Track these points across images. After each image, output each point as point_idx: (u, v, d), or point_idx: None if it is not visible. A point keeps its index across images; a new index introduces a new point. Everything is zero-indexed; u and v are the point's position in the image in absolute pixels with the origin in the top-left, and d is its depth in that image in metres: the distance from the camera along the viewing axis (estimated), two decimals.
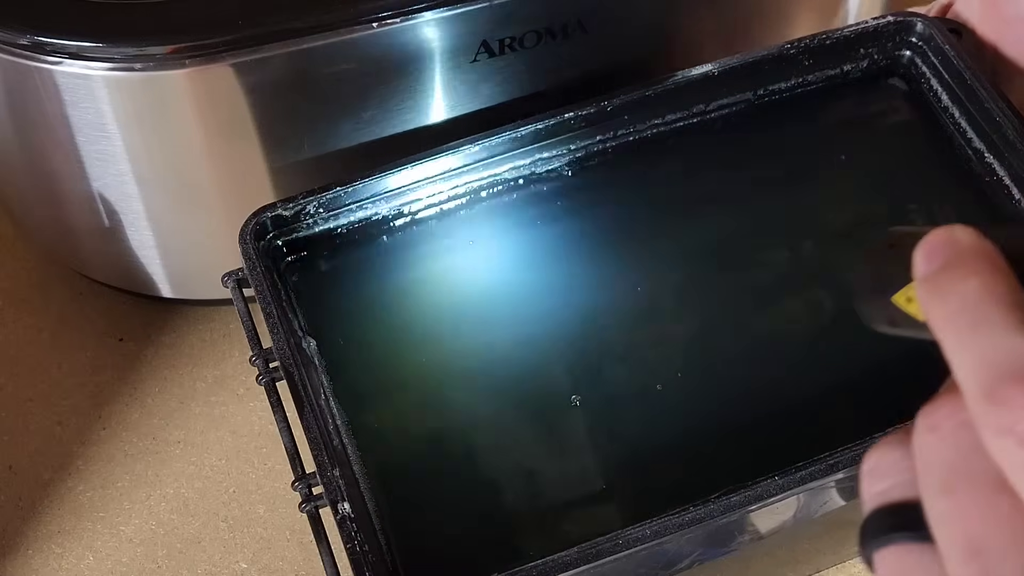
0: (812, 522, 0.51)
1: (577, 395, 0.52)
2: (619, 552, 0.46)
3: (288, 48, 0.55)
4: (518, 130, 0.57)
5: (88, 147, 0.58)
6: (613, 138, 0.59)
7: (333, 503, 0.47)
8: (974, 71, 0.57)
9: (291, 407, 0.50)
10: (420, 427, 0.52)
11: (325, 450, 0.48)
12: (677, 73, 0.58)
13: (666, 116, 0.59)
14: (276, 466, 0.65)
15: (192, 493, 0.64)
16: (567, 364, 0.54)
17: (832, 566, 0.60)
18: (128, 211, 0.61)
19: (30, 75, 0.55)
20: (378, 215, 0.57)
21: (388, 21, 0.55)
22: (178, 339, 0.69)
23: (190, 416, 0.67)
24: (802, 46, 0.59)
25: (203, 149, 0.58)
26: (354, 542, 0.46)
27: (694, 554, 0.49)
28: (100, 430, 0.66)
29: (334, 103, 0.58)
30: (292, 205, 0.55)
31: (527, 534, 0.49)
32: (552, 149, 0.58)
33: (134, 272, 0.65)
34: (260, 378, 0.53)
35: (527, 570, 0.46)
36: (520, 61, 0.60)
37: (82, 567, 0.62)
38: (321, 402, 0.50)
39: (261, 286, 0.52)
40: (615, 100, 0.58)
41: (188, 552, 0.62)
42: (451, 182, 0.57)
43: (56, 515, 0.63)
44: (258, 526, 0.63)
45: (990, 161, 0.57)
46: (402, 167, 0.56)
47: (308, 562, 0.61)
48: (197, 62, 0.54)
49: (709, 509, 0.47)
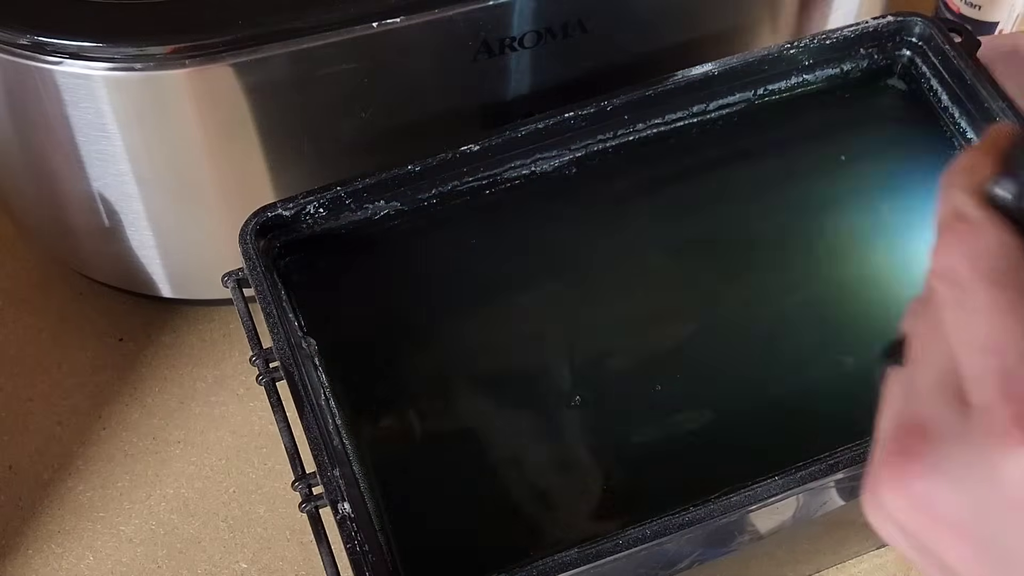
0: (812, 522, 0.51)
1: (578, 395, 0.52)
2: (619, 552, 0.46)
3: (288, 48, 0.55)
4: (518, 130, 0.57)
5: (88, 147, 0.58)
6: (613, 138, 0.59)
7: (333, 503, 0.47)
8: (974, 71, 0.57)
9: (291, 407, 0.50)
10: (420, 427, 0.52)
11: (325, 450, 0.48)
12: (677, 73, 0.58)
13: (666, 116, 0.59)
14: (276, 466, 0.65)
15: (192, 493, 0.64)
16: (567, 364, 0.54)
17: (832, 566, 0.60)
18: (128, 211, 0.61)
19: (30, 75, 0.55)
20: (378, 215, 0.57)
21: (388, 21, 0.55)
22: (178, 339, 0.69)
23: (190, 416, 0.67)
24: (802, 46, 0.59)
25: (203, 149, 0.58)
26: (354, 542, 0.46)
27: (694, 554, 0.49)
28: (100, 430, 0.66)
29: (334, 103, 0.58)
30: (292, 205, 0.55)
31: (527, 534, 0.49)
32: (552, 149, 0.58)
33: (134, 272, 0.65)
34: (260, 378, 0.53)
35: (527, 570, 0.46)
36: (520, 61, 0.60)
37: (82, 567, 0.62)
38: (321, 402, 0.50)
39: (261, 286, 0.52)
40: (615, 100, 0.58)
41: (188, 552, 0.62)
42: (451, 182, 0.57)
43: (56, 515, 0.63)
44: (258, 526, 0.63)
45: None
46: (402, 167, 0.56)
47: (308, 562, 0.61)
48: (197, 62, 0.54)
49: (709, 509, 0.47)
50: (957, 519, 0.26)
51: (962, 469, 0.26)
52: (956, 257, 0.27)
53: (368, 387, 0.53)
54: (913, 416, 0.28)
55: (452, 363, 0.54)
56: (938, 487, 0.26)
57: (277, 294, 0.53)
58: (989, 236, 0.27)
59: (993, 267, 0.27)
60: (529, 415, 0.52)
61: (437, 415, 0.53)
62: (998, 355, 0.26)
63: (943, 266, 0.28)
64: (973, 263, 0.27)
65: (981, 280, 0.27)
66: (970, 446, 0.26)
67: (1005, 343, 0.26)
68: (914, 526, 0.27)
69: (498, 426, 0.52)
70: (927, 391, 0.28)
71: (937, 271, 0.28)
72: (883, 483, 0.27)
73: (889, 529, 0.29)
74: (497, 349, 0.54)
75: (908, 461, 0.27)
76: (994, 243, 0.27)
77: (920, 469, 0.27)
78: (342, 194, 0.55)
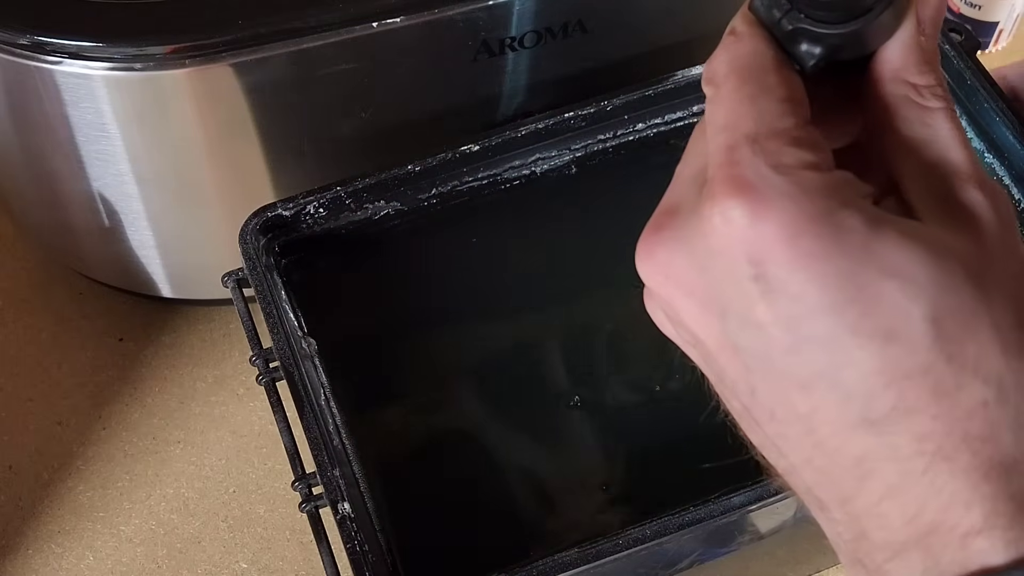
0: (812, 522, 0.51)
1: (577, 395, 0.52)
2: (619, 552, 0.46)
3: (288, 48, 0.55)
4: (518, 130, 0.57)
5: (88, 147, 0.58)
6: (613, 138, 0.59)
7: (333, 503, 0.47)
8: (974, 71, 0.57)
9: (291, 407, 0.50)
10: (420, 427, 0.52)
11: (325, 450, 0.48)
12: (677, 73, 0.59)
13: (666, 116, 0.59)
14: (276, 466, 0.65)
15: (192, 493, 0.64)
16: (567, 364, 0.54)
17: (832, 566, 0.60)
18: (128, 211, 0.61)
19: (30, 75, 0.55)
20: (378, 215, 0.57)
21: (388, 21, 0.55)
22: (178, 339, 0.69)
23: (190, 416, 0.67)
24: None
25: (203, 149, 0.58)
26: (354, 542, 0.46)
27: (694, 554, 0.49)
28: (100, 430, 0.66)
29: (334, 103, 0.58)
30: (292, 205, 0.55)
31: (527, 534, 0.49)
32: (552, 149, 0.58)
33: (134, 272, 0.65)
34: (260, 378, 0.53)
35: (527, 570, 0.46)
36: (520, 61, 0.60)
37: (82, 567, 0.62)
38: (321, 402, 0.50)
39: (261, 286, 0.52)
40: (615, 100, 0.58)
41: (188, 552, 0.62)
42: (451, 182, 0.57)
43: (56, 515, 0.63)
44: (258, 526, 0.63)
45: (990, 161, 0.57)
46: (402, 167, 0.56)
47: (308, 562, 0.61)
48: (197, 62, 0.54)
49: (709, 509, 0.47)
50: (686, 278, 0.30)
51: (689, 232, 0.30)
52: (719, 62, 0.31)
53: (368, 387, 0.53)
54: (667, 201, 0.32)
55: (452, 363, 0.54)
56: (673, 252, 0.30)
57: (277, 294, 0.53)
58: (746, 42, 0.31)
59: (743, 65, 0.31)
60: (529, 415, 0.52)
61: (437, 415, 0.53)
62: (728, 131, 0.29)
63: (709, 71, 0.31)
64: (729, 64, 0.31)
65: (730, 75, 0.30)
66: (696, 213, 0.29)
67: (735, 123, 0.30)
68: (661, 292, 0.31)
69: (498, 426, 0.52)
70: (684, 180, 0.31)
71: (705, 76, 0.32)
72: (639, 256, 0.31)
73: (651, 305, 0.33)
74: (497, 349, 0.54)
75: (655, 233, 0.31)
76: (749, 47, 0.31)
77: (661, 238, 0.31)
78: (342, 194, 0.55)
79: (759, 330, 0.29)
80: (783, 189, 0.28)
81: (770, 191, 0.28)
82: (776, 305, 0.28)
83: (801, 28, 0.30)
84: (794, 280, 0.28)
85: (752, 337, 0.29)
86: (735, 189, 0.28)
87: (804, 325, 0.28)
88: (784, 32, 0.31)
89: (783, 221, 0.28)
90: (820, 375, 0.28)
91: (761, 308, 0.28)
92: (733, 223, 0.28)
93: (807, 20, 0.30)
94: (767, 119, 0.29)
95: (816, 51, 0.31)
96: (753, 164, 0.29)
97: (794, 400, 0.29)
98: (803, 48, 0.31)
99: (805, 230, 0.28)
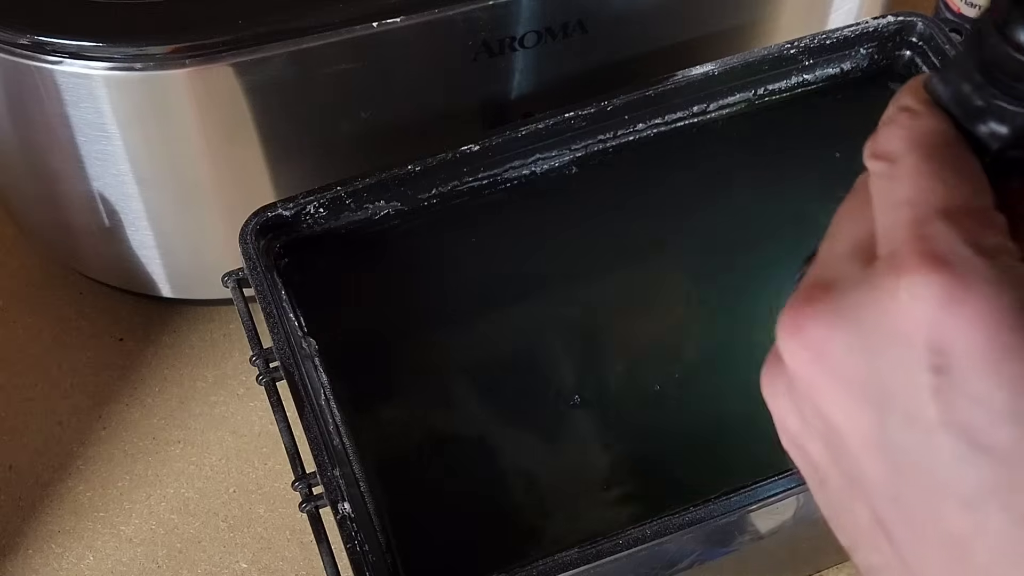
0: (812, 522, 0.51)
1: (577, 395, 0.52)
2: (619, 552, 0.46)
3: (288, 48, 0.55)
4: (518, 130, 0.57)
5: (88, 147, 0.58)
6: (613, 138, 0.59)
7: (333, 503, 0.47)
8: None
9: (291, 407, 0.50)
10: (420, 427, 0.52)
11: (325, 450, 0.48)
12: (677, 73, 0.58)
13: (666, 116, 0.59)
14: (276, 466, 0.65)
15: (192, 493, 0.64)
16: (567, 364, 0.54)
17: (832, 566, 0.60)
18: (128, 211, 0.61)
19: (30, 75, 0.55)
20: (378, 215, 0.57)
21: (388, 21, 0.55)
22: (178, 339, 0.69)
23: (190, 416, 0.67)
24: (802, 46, 0.59)
25: (203, 149, 0.58)
26: (354, 542, 0.46)
27: (694, 554, 0.49)
28: (100, 430, 0.66)
29: (334, 103, 0.58)
30: (292, 205, 0.55)
31: (527, 534, 0.49)
32: (553, 149, 0.58)
33: (134, 272, 0.65)
34: (260, 378, 0.53)
35: (527, 570, 0.46)
36: (520, 61, 0.60)
37: (82, 567, 0.62)
38: (321, 402, 0.50)
39: (261, 286, 0.52)
40: (615, 100, 0.58)
41: (188, 552, 0.62)
42: (451, 182, 0.57)
43: (56, 515, 0.63)
44: (258, 526, 0.63)
45: None
46: (402, 167, 0.56)
47: (308, 562, 0.61)
48: (197, 62, 0.54)
49: (709, 509, 0.47)
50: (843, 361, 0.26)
51: (855, 307, 0.26)
52: (895, 139, 0.28)
53: (368, 387, 0.53)
54: (819, 276, 0.28)
55: (452, 363, 0.54)
56: (833, 329, 0.26)
57: (277, 294, 0.53)
58: (926, 119, 0.28)
59: (927, 142, 0.27)
60: (529, 415, 0.52)
61: (437, 415, 0.53)
62: (914, 206, 0.26)
63: (880, 147, 0.28)
64: (909, 140, 0.27)
65: (912, 152, 0.27)
66: (871, 287, 0.26)
67: (924, 198, 0.26)
68: (803, 373, 0.27)
69: (498, 426, 0.52)
70: (838, 257, 0.28)
71: (874, 151, 0.28)
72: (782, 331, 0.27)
73: (775, 386, 0.29)
74: (497, 349, 0.54)
75: (807, 304, 0.27)
76: (931, 125, 0.28)
77: (816, 311, 0.27)
78: (342, 194, 0.55)
79: (925, 431, 0.25)
80: (986, 274, 0.24)
81: (971, 273, 0.24)
82: (953, 406, 0.24)
83: (996, 105, 0.28)
84: (981, 380, 0.24)
85: (915, 439, 0.25)
86: (929, 263, 0.25)
87: (983, 433, 0.24)
88: (972, 108, 0.28)
89: (983, 310, 0.24)
90: (992, 493, 0.24)
91: (934, 407, 0.25)
92: (922, 301, 0.24)
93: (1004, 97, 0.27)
94: (962, 194, 0.26)
95: (1004, 132, 0.28)
96: (949, 240, 0.25)
97: (949, 517, 0.25)
98: (990, 127, 0.28)
99: (1010, 324, 0.24)
